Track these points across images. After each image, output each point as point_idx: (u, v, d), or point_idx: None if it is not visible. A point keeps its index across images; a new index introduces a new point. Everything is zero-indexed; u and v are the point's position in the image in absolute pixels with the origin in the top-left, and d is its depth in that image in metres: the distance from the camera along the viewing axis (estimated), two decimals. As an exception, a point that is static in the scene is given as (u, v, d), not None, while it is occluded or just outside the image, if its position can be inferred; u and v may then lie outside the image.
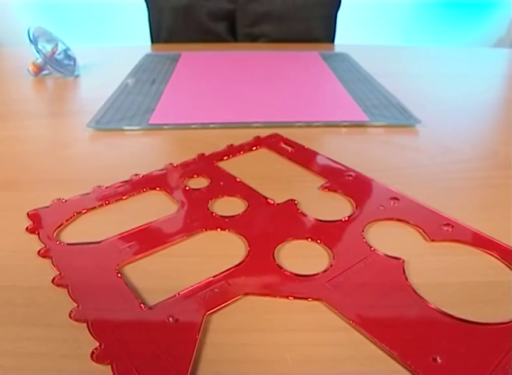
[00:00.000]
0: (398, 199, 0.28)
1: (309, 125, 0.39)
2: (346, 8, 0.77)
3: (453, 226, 0.25)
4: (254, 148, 0.35)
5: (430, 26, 1.90)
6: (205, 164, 0.32)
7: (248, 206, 0.27)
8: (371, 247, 0.23)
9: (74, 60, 0.56)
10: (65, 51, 0.55)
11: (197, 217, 0.26)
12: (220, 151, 0.34)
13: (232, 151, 0.34)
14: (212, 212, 0.26)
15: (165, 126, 0.39)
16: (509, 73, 0.59)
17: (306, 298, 0.20)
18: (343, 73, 0.54)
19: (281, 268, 0.22)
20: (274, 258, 0.23)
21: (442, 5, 1.96)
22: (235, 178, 0.30)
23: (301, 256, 0.23)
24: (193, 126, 0.39)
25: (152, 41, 0.78)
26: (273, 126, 0.39)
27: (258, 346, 0.18)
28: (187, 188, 0.29)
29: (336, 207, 0.27)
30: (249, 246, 0.24)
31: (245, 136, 0.37)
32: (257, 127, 0.39)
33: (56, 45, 0.54)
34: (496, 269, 0.22)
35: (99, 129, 0.39)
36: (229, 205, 0.27)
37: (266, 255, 0.23)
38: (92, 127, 0.39)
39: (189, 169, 0.32)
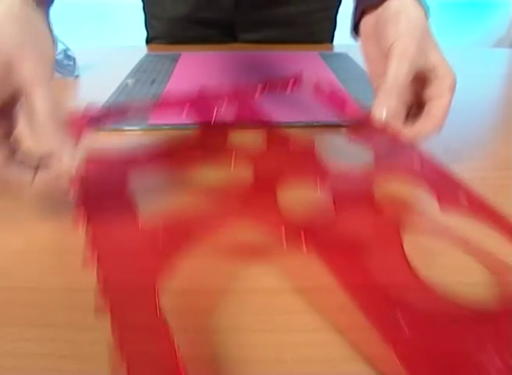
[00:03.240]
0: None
1: (309, 125, 0.39)
2: (346, 7, 0.76)
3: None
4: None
5: (430, 27, 1.90)
6: None
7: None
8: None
9: (74, 60, 0.56)
10: (65, 51, 0.55)
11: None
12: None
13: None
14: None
15: (165, 126, 0.39)
16: (509, 73, 0.59)
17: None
18: (342, 73, 0.54)
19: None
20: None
21: (442, 5, 1.96)
22: None
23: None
24: (192, 126, 0.39)
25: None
26: (273, 127, 0.39)
27: (258, 346, 0.18)
28: None
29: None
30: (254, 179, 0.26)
31: (245, 136, 0.37)
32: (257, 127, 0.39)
33: (56, 45, 0.54)
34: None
35: (99, 129, 0.39)
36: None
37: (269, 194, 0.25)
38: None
39: None
